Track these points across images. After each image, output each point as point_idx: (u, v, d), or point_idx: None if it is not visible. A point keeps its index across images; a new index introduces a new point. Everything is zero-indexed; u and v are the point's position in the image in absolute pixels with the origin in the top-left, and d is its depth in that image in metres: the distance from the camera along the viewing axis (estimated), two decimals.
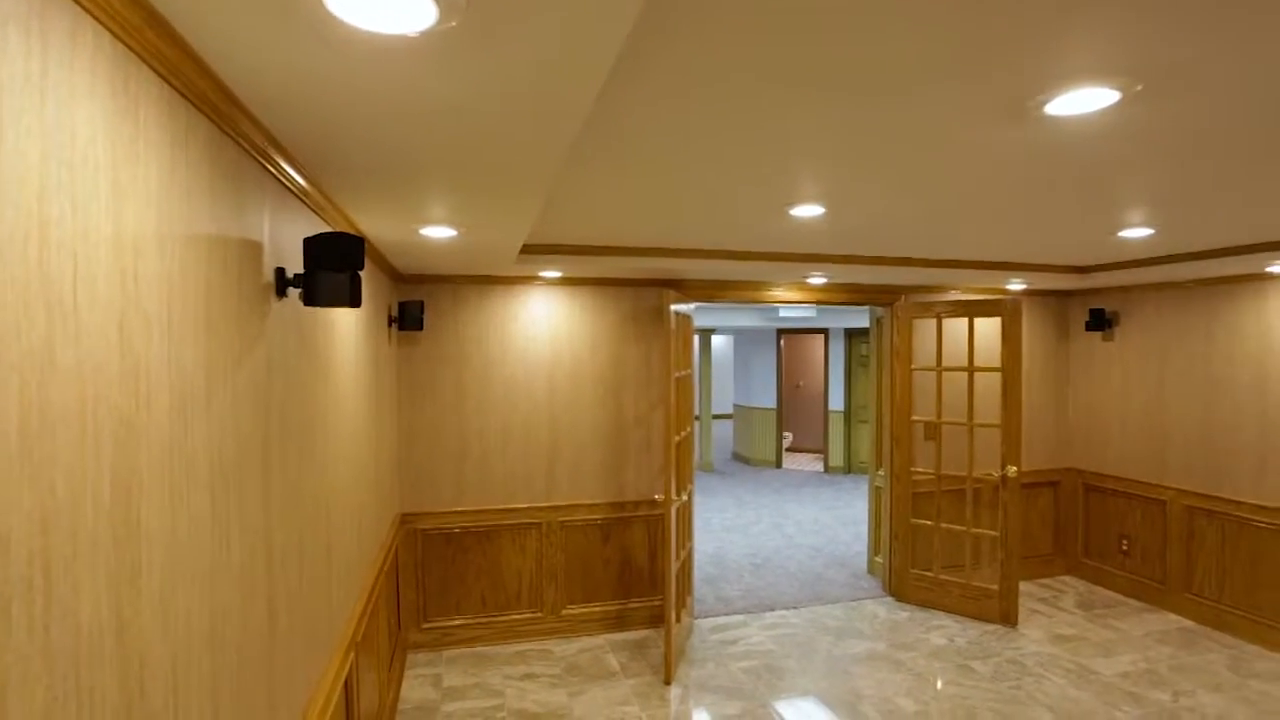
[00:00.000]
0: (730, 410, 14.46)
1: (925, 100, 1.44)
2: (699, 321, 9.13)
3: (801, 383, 11.79)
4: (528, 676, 3.76)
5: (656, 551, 4.42)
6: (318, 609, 1.87)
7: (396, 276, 3.92)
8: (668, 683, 3.66)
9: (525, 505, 4.24)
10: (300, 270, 1.64)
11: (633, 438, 4.40)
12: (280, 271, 1.52)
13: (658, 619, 4.39)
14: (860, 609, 4.67)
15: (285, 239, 1.61)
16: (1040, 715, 3.31)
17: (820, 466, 10.16)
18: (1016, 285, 4.81)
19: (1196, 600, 4.41)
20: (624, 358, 4.39)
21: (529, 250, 3.45)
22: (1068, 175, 2.11)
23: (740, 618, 4.55)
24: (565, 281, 4.26)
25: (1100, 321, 4.91)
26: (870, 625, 4.39)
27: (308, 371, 1.78)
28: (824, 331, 9.73)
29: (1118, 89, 1.29)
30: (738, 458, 11.11)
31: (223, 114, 1.13)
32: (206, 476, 1.08)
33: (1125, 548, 4.89)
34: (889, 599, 4.84)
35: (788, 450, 11.36)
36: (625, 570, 4.40)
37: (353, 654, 2.28)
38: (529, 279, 4.19)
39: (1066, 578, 5.27)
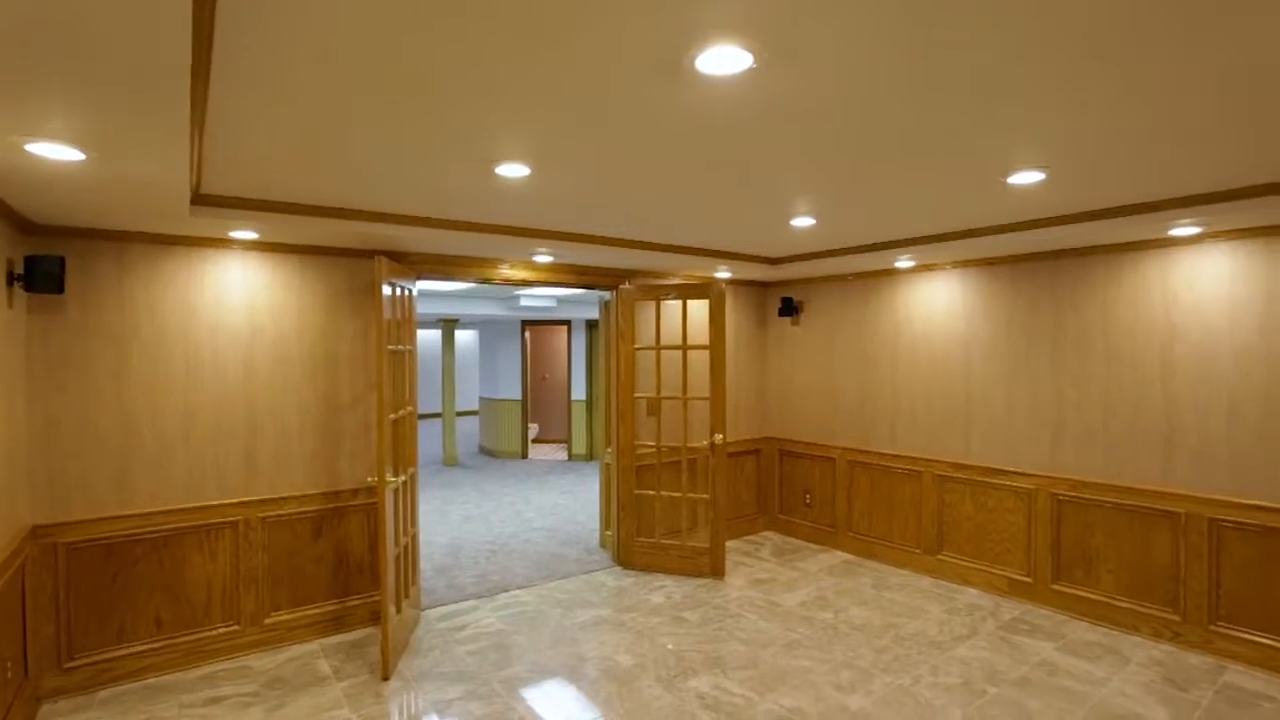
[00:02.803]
0: (478, 406, 14.18)
1: (583, 44, 1.50)
2: (441, 310, 8.77)
3: (547, 374, 11.99)
4: (214, 701, 3.24)
5: (378, 543, 4.11)
6: None
7: (22, 224, 3.11)
8: (385, 678, 3.42)
9: (217, 502, 3.66)
10: None
11: (349, 421, 4.04)
12: None
13: (380, 615, 4.09)
14: (591, 580, 4.86)
15: None
16: (735, 647, 3.74)
17: (564, 455, 10.41)
18: (724, 274, 5.41)
19: (856, 537, 5.37)
20: (338, 333, 4.01)
21: (210, 202, 2.97)
22: (731, 149, 2.38)
23: (472, 603, 4.44)
24: (267, 246, 3.77)
25: (789, 308, 5.74)
26: (598, 594, 4.58)
27: None
28: (567, 323, 9.99)
29: (748, 50, 1.48)
30: (484, 451, 10.92)
31: None
32: None
33: (808, 501, 5.77)
34: (617, 568, 5.11)
35: (534, 441, 11.46)
36: (342, 566, 4.03)
37: None
38: (220, 241, 3.62)
39: (767, 532, 6.06)
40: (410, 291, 4.01)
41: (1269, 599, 3.40)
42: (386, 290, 3.48)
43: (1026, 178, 2.69)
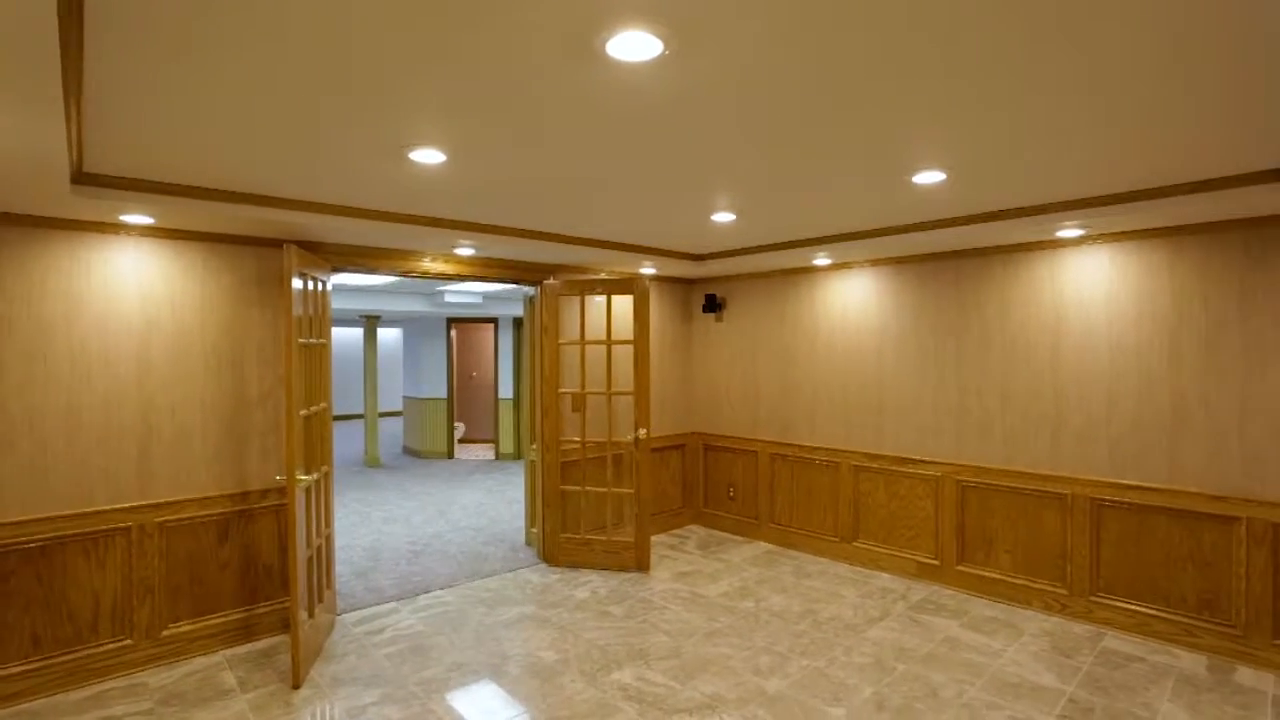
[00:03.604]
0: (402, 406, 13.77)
1: (492, 24, 1.49)
2: (362, 306, 8.47)
3: (475, 373, 11.77)
4: None
5: (289, 545, 3.93)
6: None
7: None
8: (296, 687, 3.27)
9: (107, 507, 3.40)
10: None
11: (258, 418, 3.85)
12: None
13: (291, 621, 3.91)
14: (515, 578, 4.80)
15: None
16: (659, 639, 3.78)
17: (492, 454, 10.25)
18: (649, 270, 5.45)
19: (778, 528, 5.53)
20: (246, 326, 3.81)
21: (97, 182, 2.77)
22: (648, 138, 2.41)
23: (391, 605, 4.31)
24: (165, 233, 3.54)
25: (713, 305, 5.84)
26: (523, 591, 4.53)
27: None
28: (494, 320, 9.84)
29: (658, 37, 1.51)
30: (409, 452, 10.61)
31: None
32: None
33: (732, 494, 5.89)
34: (543, 565, 5.07)
35: (461, 441, 11.23)
36: (250, 571, 3.83)
37: None
38: (110, 226, 3.37)
39: (693, 526, 6.15)
40: (325, 284, 3.86)
41: (1139, 570, 3.72)
42: (297, 283, 3.33)
43: (929, 177, 2.84)
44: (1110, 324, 3.84)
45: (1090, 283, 3.91)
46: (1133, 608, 3.75)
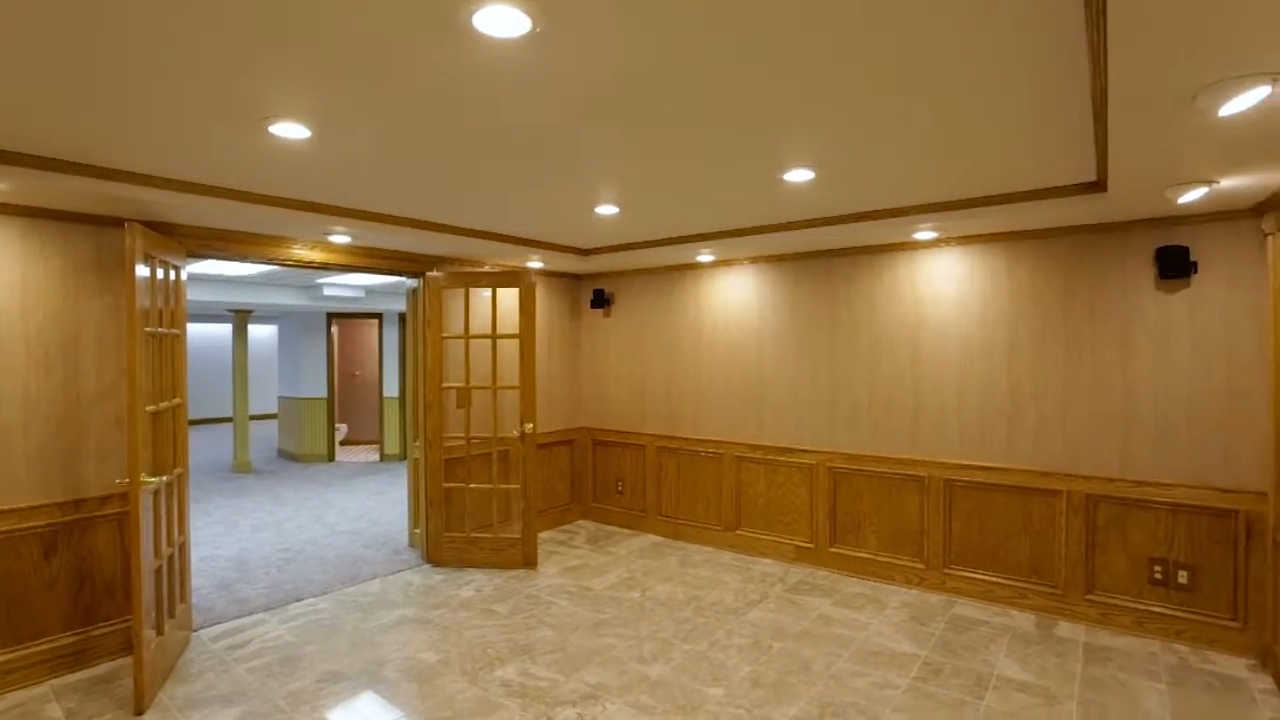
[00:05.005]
0: (277, 408, 12.85)
1: None
2: (230, 298, 7.83)
3: (358, 371, 11.19)
4: None
5: (132, 555, 3.57)
6: None
7: None
8: (140, 713, 2.98)
9: None
10: None
11: (96, 416, 3.46)
12: None
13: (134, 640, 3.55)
14: (397, 580, 4.61)
15: None
16: (545, 633, 3.75)
17: (377, 456, 9.79)
18: (537, 264, 5.40)
19: (665, 520, 5.64)
20: (82, 313, 3.42)
21: None
22: (522, 119, 2.39)
23: (258, 616, 4.02)
24: None
25: (601, 300, 5.87)
26: (404, 594, 4.36)
27: None
28: (378, 316, 9.41)
29: (526, 13, 1.50)
30: (285, 455, 9.94)
31: None
32: None
33: (620, 488, 5.95)
34: (427, 566, 4.90)
35: (343, 443, 10.65)
36: (84, 589, 3.44)
37: None
38: None
39: (582, 521, 6.15)
40: (179, 270, 3.54)
41: (984, 542, 4.11)
42: (142, 266, 3.03)
43: (800, 175, 2.99)
44: (959, 321, 4.21)
45: (942, 284, 4.27)
46: (978, 576, 4.13)
